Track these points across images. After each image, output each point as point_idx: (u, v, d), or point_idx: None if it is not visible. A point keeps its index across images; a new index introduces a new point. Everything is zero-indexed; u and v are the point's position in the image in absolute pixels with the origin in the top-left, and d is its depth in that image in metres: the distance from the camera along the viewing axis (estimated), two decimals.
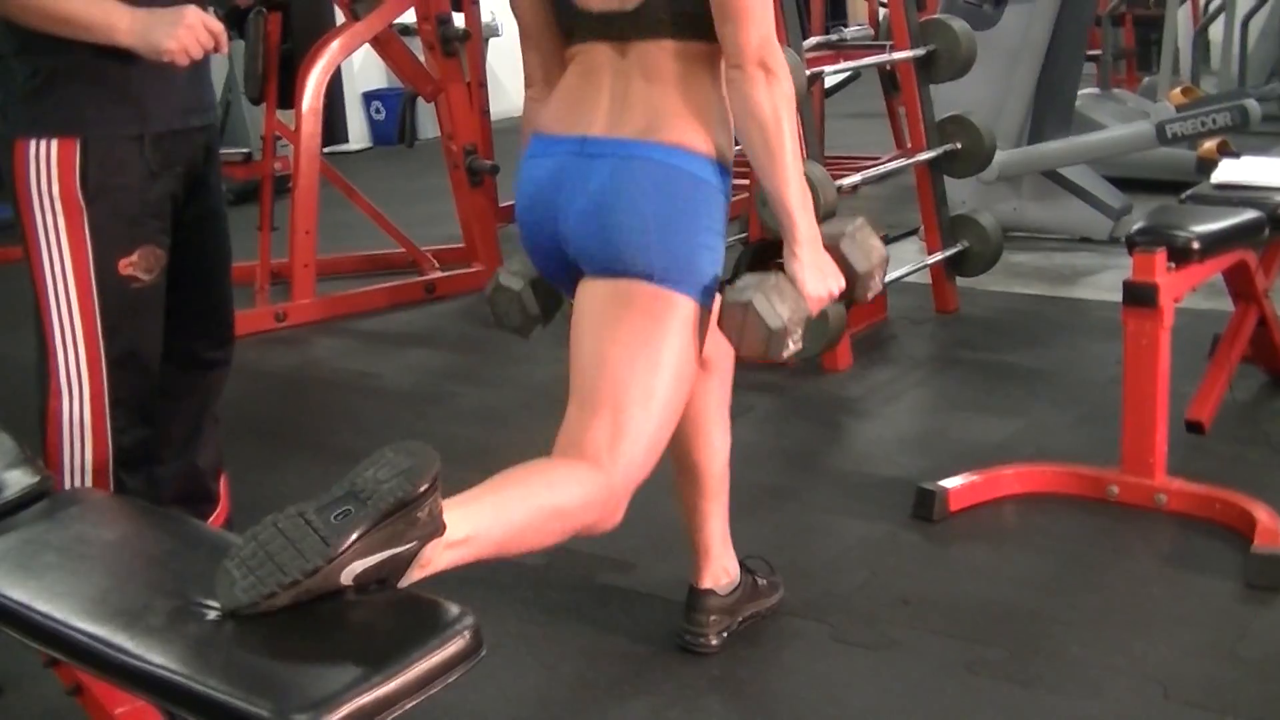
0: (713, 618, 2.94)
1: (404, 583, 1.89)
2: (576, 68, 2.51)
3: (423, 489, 1.84)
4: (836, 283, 2.50)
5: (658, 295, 2.38)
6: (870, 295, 2.64)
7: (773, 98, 2.35)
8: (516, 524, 2.16)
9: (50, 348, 2.60)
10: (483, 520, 2.08)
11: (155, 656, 1.64)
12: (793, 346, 2.41)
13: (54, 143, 2.52)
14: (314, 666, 1.60)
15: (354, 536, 1.77)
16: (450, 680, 1.63)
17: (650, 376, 2.37)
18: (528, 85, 2.66)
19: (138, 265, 2.60)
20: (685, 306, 2.40)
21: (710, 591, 2.94)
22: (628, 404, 2.36)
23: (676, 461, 2.89)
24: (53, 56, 2.49)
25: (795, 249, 2.44)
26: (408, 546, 1.85)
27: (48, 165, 2.52)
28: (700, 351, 2.48)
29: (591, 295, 2.45)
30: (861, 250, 2.57)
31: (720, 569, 2.96)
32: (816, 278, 2.45)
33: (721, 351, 2.81)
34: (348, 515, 1.78)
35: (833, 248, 2.52)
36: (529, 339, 2.83)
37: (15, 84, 2.54)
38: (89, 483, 2.63)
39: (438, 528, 1.90)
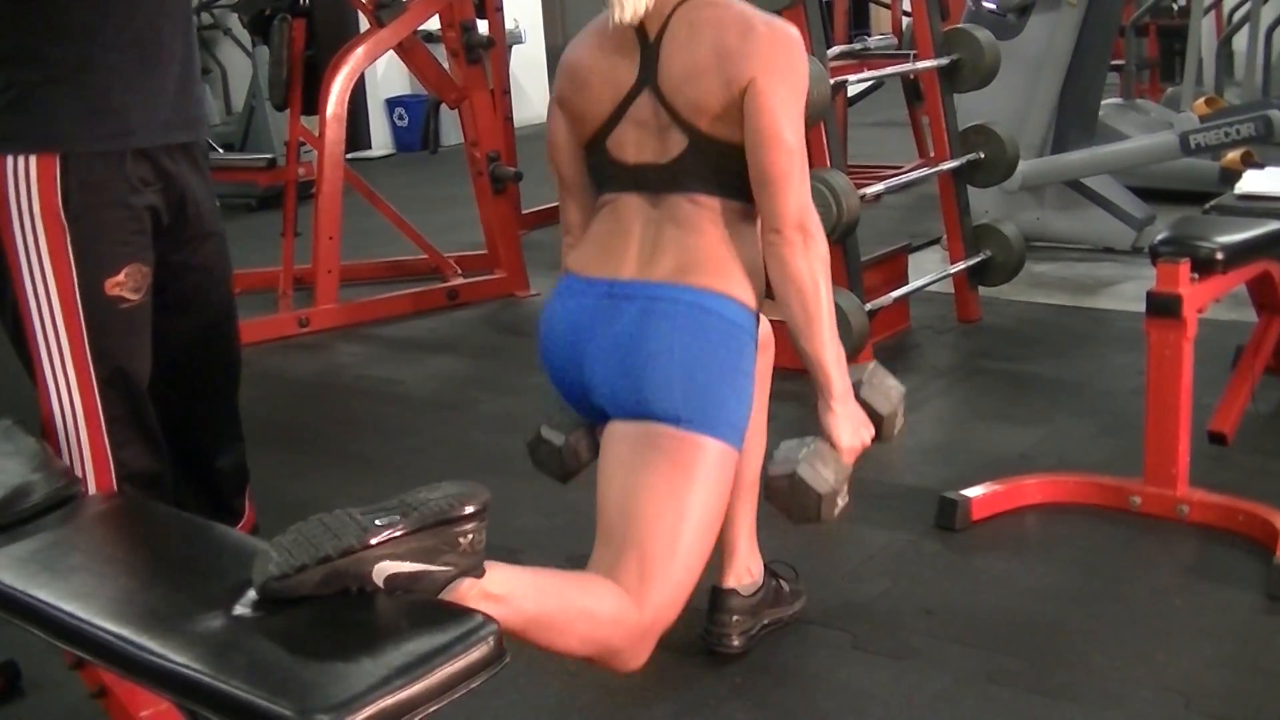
0: (735, 618, 2.94)
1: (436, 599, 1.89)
2: (607, 213, 2.54)
3: (468, 511, 1.86)
4: (868, 431, 2.57)
5: (685, 440, 2.38)
6: (895, 433, 2.71)
7: (810, 263, 2.40)
8: (549, 608, 2.15)
9: (39, 369, 2.52)
10: (521, 588, 2.08)
11: (180, 656, 1.65)
12: (841, 504, 2.50)
13: (32, 159, 2.42)
14: (337, 668, 1.61)
15: (391, 533, 1.79)
16: (473, 686, 1.64)
17: (677, 523, 2.36)
18: (565, 233, 2.69)
19: (125, 285, 2.51)
20: (714, 450, 2.40)
21: (733, 591, 2.95)
22: (654, 551, 2.35)
23: None
24: (29, 68, 2.42)
25: (832, 404, 2.50)
26: (444, 569, 1.86)
27: (27, 182, 2.42)
28: (728, 495, 2.49)
29: (618, 438, 2.46)
30: (881, 394, 2.66)
31: (744, 569, 2.97)
32: (851, 431, 2.52)
33: (763, 360, 2.82)
34: (391, 519, 1.81)
35: (855, 400, 2.58)
36: (566, 485, 2.86)
37: None
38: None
39: (478, 564, 1.91)
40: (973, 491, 3.59)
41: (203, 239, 2.70)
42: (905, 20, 9.00)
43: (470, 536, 1.87)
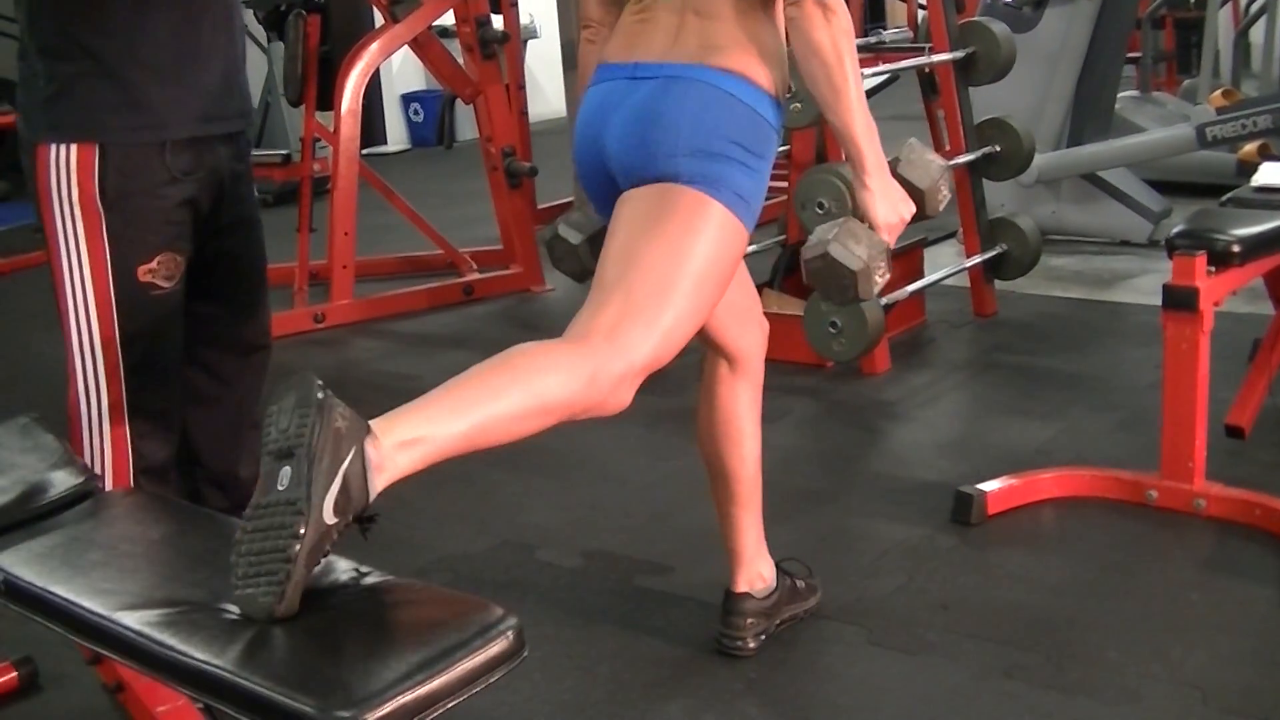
0: (749, 621, 2.94)
1: (374, 493, 1.85)
2: (633, 8, 2.54)
3: (319, 400, 1.81)
4: (907, 207, 2.51)
5: (690, 195, 2.36)
6: (940, 208, 2.63)
7: (832, 33, 2.37)
8: (478, 412, 2.06)
9: (69, 353, 2.59)
10: (435, 415, 2.01)
11: (200, 652, 1.66)
12: (879, 281, 2.43)
13: (73, 148, 2.50)
14: (357, 664, 1.61)
15: (309, 482, 1.75)
16: (492, 680, 1.64)
17: (673, 267, 2.33)
18: (583, 25, 2.69)
19: (157, 272, 2.57)
20: (718, 211, 2.37)
21: (746, 595, 2.95)
22: (643, 288, 2.30)
23: (709, 466, 2.90)
24: (71, 62, 2.49)
25: (865, 179, 2.46)
26: (349, 457, 1.81)
27: (67, 170, 2.50)
28: (732, 269, 2.46)
29: (625, 201, 2.45)
30: (919, 168, 2.58)
31: (755, 573, 2.96)
32: (888, 205, 2.47)
33: (752, 354, 2.82)
34: (286, 474, 1.77)
35: (892, 174, 2.53)
36: (583, 284, 2.82)
37: (36, 87, 2.53)
38: (108, 488, 2.62)
39: (362, 428, 1.86)
40: (989, 486, 3.58)
41: (240, 228, 2.76)
42: (920, 14, 8.99)
43: (338, 415, 1.82)
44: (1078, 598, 3.14)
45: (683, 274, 2.33)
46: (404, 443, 1.92)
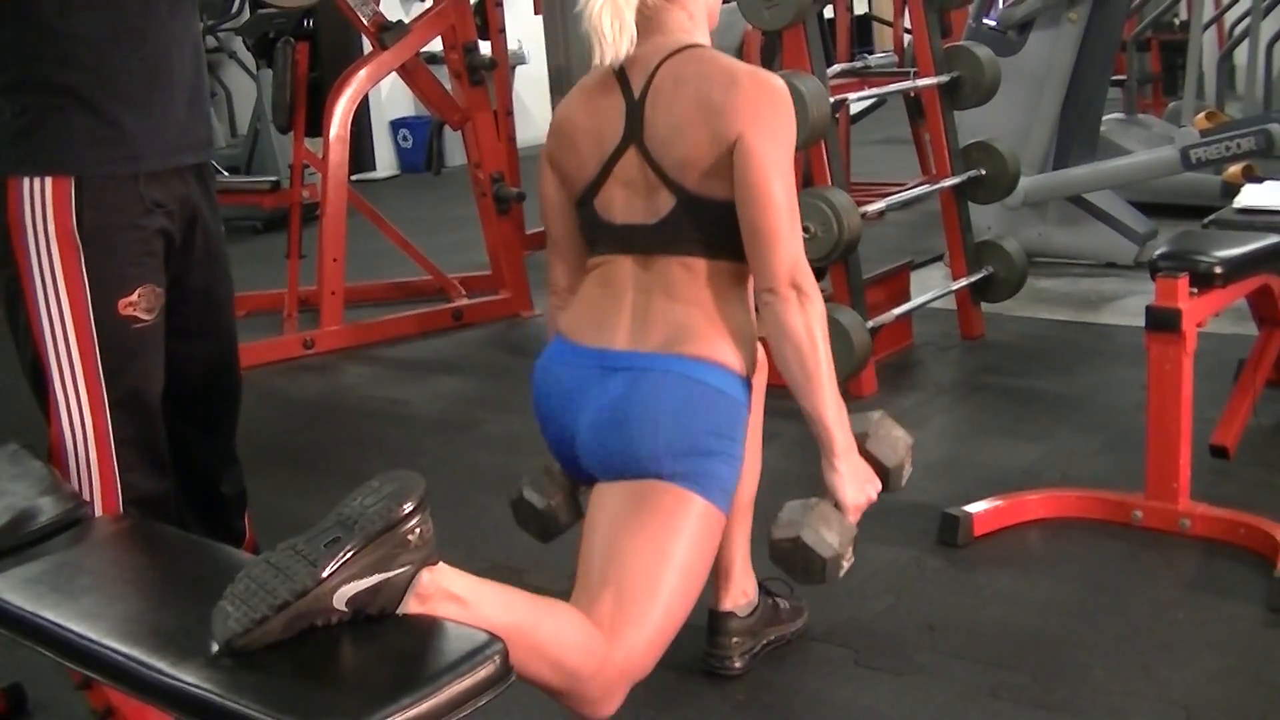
0: (735, 639, 2.95)
1: (403, 611, 1.86)
2: (598, 276, 2.51)
3: (407, 509, 1.82)
4: (874, 486, 2.53)
5: (672, 493, 2.35)
6: (903, 483, 2.66)
7: (807, 320, 2.37)
8: (515, 621, 2.07)
9: (50, 390, 2.54)
10: (484, 596, 2.02)
11: (189, 675, 1.67)
12: (846, 566, 2.47)
13: (48, 181, 2.46)
14: (345, 687, 1.63)
15: (342, 558, 1.76)
16: (480, 704, 1.65)
17: (659, 567, 2.33)
18: (552, 293, 2.67)
19: (138, 305, 2.54)
20: (700, 506, 2.37)
21: (731, 614, 2.96)
22: (632, 589, 2.31)
23: None
24: (41, 95, 2.46)
25: (835, 463, 2.47)
26: (400, 571, 1.82)
27: (42, 204, 2.46)
28: (712, 557, 2.46)
29: (605, 495, 2.43)
30: (888, 445, 2.61)
31: (739, 591, 2.98)
32: (856, 488, 2.48)
33: (756, 380, 2.83)
34: (336, 541, 1.78)
35: (859, 450, 2.54)
36: (546, 544, 2.87)
37: (4, 121, 2.49)
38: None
39: (430, 554, 1.87)
40: (975, 507, 3.60)
41: (209, 261, 2.73)
42: (906, 38, 9.03)
43: (418, 531, 1.83)
44: (1064, 617, 3.16)
45: (670, 573, 2.34)
46: (454, 595, 1.94)
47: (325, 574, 1.75)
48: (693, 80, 2.40)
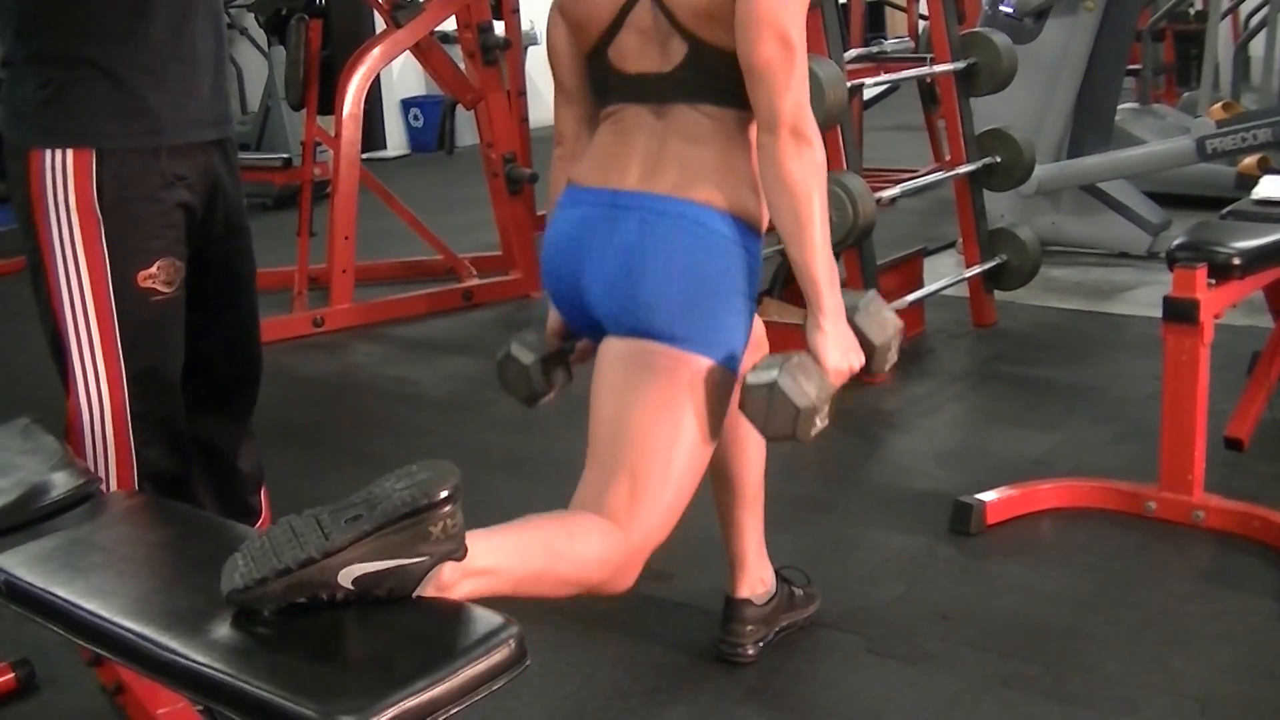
0: (749, 627, 2.94)
1: (419, 594, 1.85)
2: (610, 126, 2.49)
3: (435, 500, 1.79)
4: (858, 357, 2.44)
5: (681, 359, 2.34)
6: (887, 367, 2.58)
7: (804, 166, 2.30)
8: (537, 567, 2.13)
9: (68, 363, 2.53)
10: (507, 555, 2.06)
11: (202, 655, 1.66)
12: (819, 425, 2.35)
13: (69, 153, 2.45)
14: (360, 669, 1.61)
15: (355, 535, 1.75)
16: (495, 688, 1.64)
17: (670, 444, 2.33)
18: (558, 142, 2.64)
19: (157, 278, 2.53)
20: (709, 371, 2.35)
21: (747, 601, 2.95)
22: (646, 471, 2.32)
23: (714, 472, 2.89)
24: (66, 68, 2.45)
25: (820, 320, 2.37)
26: (418, 560, 1.80)
27: (64, 176, 2.45)
28: (724, 418, 2.43)
29: (613, 356, 2.41)
30: (876, 323, 2.53)
31: (756, 579, 2.97)
32: (839, 351, 2.39)
33: (754, 360, 2.81)
34: (357, 520, 1.77)
35: (848, 321, 2.47)
36: (534, 409, 2.81)
37: (27, 92, 2.48)
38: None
39: (457, 548, 1.85)
40: (988, 496, 3.59)
41: (231, 235, 2.72)
42: (921, 24, 9.00)
43: (443, 524, 1.81)
44: (1076, 608, 3.14)
45: (681, 448, 2.34)
46: (474, 572, 1.93)
47: (334, 548, 1.74)
48: None
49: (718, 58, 2.36)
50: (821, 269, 2.35)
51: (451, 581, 1.87)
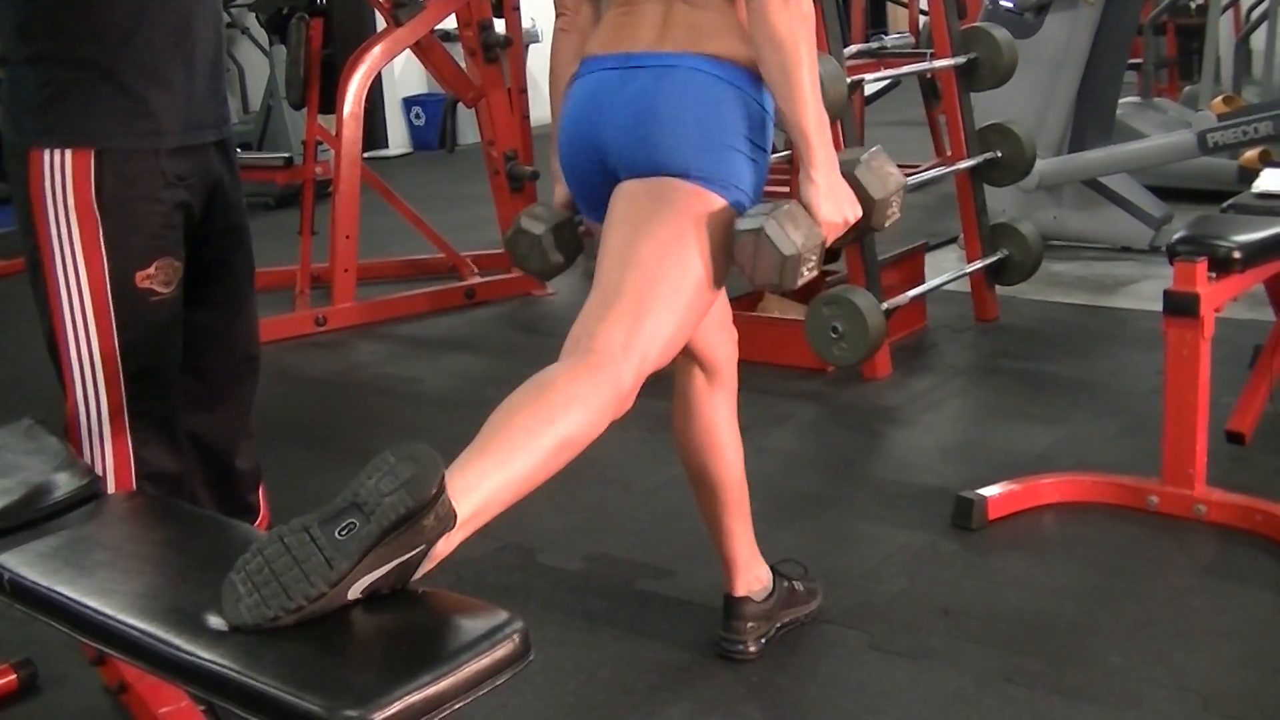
0: (750, 624, 2.94)
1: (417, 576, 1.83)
2: (617, 6, 2.53)
3: (427, 500, 1.75)
4: (853, 210, 2.44)
5: (694, 192, 2.36)
6: (887, 224, 2.57)
7: (790, 19, 2.33)
8: (524, 473, 2.06)
9: (66, 362, 2.54)
10: (489, 486, 1.99)
11: (208, 652, 1.66)
12: (806, 275, 2.36)
13: (69, 153, 2.45)
14: (365, 665, 1.62)
15: (357, 558, 1.71)
16: (499, 683, 1.64)
17: (679, 274, 2.35)
18: (560, 13, 2.68)
19: (155, 278, 2.53)
20: (721, 208, 2.38)
21: (746, 599, 2.95)
22: (652, 298, 2.32)
23: (694, 478, 2.89)
24: (66, 68, 2.45)
25: (811, 173, 2.39)
26: (415, 552, 1.78)
27: (63, 176, 2.45)
28: (729, 264, 2.43)
29: (626, 193, 2.44)
30: (878, 177, 2.51)
31: (752, 577, 2.97)
32: (832, 203, 2.40)
33: (728, 361, 2.81)
34: (351, 530, 1.72)
35: (848, 175, 2.46)
36: (547, 283, 2.79)
37: (27, 92, 2.48)
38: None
39: (447, 525, 1.82)
40: (990, 491, 3.59)
41: (229, 234, 2.72)
42: (922, 19, 9.00)
43: (435, 514, 1.77)
44: (1079, 603, 3.15)
45: (688, 278, 2.36)
46: (464, 523, 1.92)
47: (341, 575, 1.71)
48: None
49: None
50: (811, 120, 2.37)
51: (442, 551, 1.86)
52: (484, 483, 2.00)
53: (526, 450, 2.08)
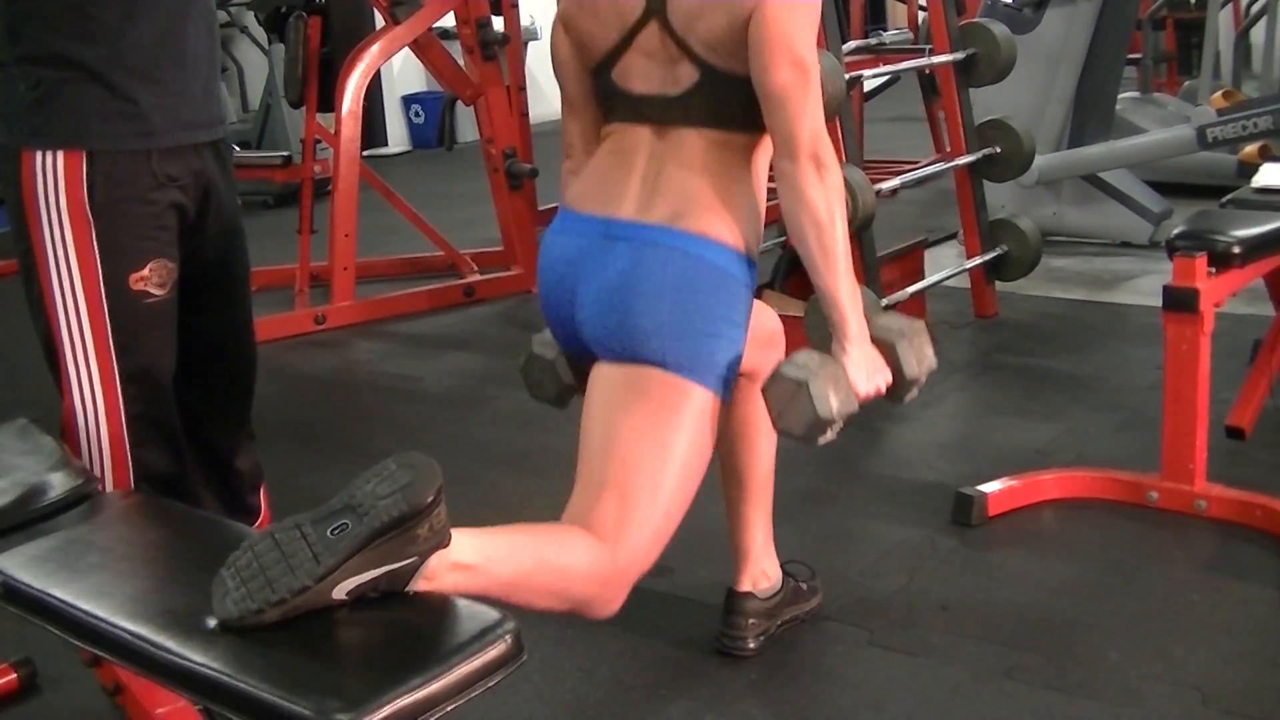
0: (750, 621, 2.94)
1: (410, 591, 1.84)
2: (610, 145, 2.49)
3: (421, 507, 1.77)
4: (884, 379, 2.46)
5: (671, 384, 2.34)
6: (908, 400, 2.59)
7: (826, 193, 2.32)
8: (523, 570, 2.12)
9: (62, 365, 2.53)
10: (494, 553, 2.04)
11: (198, 655, 1.66)
12: (829, 436, 2.37)
13: (59, 154, 2.44)
14: (356, 667, 1.61)
15: (345, 556, 1.72)
16: (491, 684, 1.64)
17: (659, 466, 2.33)
18: (566, 155, 2.64)
19: (149, 280, 2.52)
20: (700, 397, 2.36)
21: (749, 595, 2.95)
22: (634, 491, 2.31)
23: (723, 465, 2.88)
24: (56, 68, 2.44)
25: (845, 345, 2.41)
26: (407, 562, 1.79)
27: (54, 177, 2.44)
28: (711, 446, 2.44)
29: (604, 381, 2.42)
30: (916, 356, 2.53)
31: (760, 572, 2.96)
32: (864, 376, 2.42)
33: (773, 355, 2.80)
34: (343, 530, 1.74)
35: (888, 345, 2.48)
36: (564, 409, 2.81)
37: (17, 93, 2.47)
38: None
39: (441, 541, 1.84)
40: (989, 487, 3.58)
41: (224, 235, 2.71)
42: (921, 15, 8.98)
43: (430, 524, 1.79)
44: (1078, 599, 3.14)
45: (670, 471, 2.35)
46: (460, 565, 1.92)
47: (326, 572, 1.72)
48: None
49: (728, 83, 2.37)
50: (845, 295, 2.38)
51: (436, 572, 1.86)
52: (489, 548, 2.04)
53: (531, 552, 2.17)
